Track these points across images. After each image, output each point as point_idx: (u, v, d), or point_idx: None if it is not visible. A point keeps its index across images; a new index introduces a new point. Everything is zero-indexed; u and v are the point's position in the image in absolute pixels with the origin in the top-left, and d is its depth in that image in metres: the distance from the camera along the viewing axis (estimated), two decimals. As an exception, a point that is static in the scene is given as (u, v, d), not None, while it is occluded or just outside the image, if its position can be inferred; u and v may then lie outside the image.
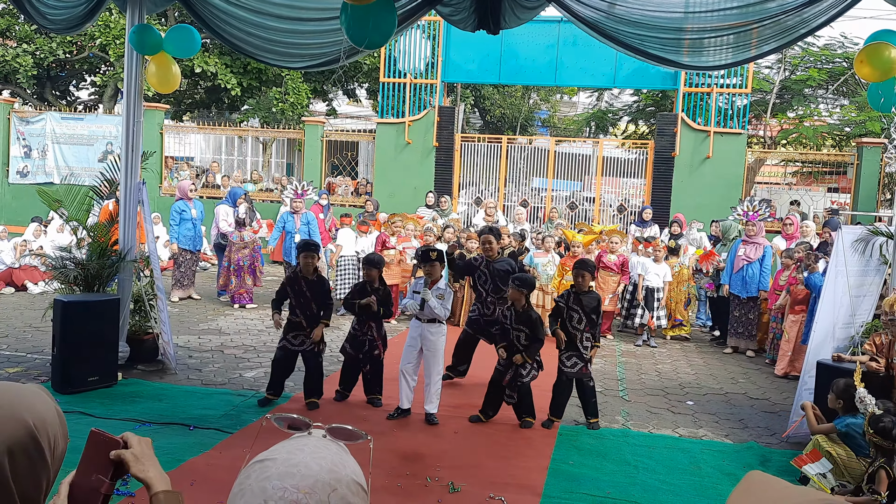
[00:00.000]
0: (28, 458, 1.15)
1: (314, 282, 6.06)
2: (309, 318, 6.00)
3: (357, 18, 4.74)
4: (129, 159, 6.95)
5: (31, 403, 1.17)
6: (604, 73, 14.66)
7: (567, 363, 5.90)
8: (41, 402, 1.19)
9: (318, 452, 1.07)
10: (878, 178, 13.87)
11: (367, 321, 6.13)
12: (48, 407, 1.20)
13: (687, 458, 5.38)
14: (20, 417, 1.14)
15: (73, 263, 6.73)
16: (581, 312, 5.85)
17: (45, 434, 1.17)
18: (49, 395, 1.23)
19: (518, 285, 5.82)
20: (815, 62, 17.04)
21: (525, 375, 5.83)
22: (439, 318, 5.80)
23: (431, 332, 5.80)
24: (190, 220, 10.44)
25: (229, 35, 6.80)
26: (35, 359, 7.09)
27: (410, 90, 15.04)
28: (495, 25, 6.11)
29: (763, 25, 5.66)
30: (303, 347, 6.02)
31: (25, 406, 1.16)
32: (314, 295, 6.01)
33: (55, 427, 1.20)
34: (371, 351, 6.12)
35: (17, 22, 16.88)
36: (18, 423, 1.13)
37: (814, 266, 7.67)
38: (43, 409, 1.18)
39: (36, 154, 16.20)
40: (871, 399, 4.63)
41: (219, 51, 17.39)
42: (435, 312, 5.74)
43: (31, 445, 1.15)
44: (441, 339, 5.85)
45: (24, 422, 1.14)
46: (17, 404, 1.16)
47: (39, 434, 1.16)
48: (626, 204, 14.86)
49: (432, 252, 5.89)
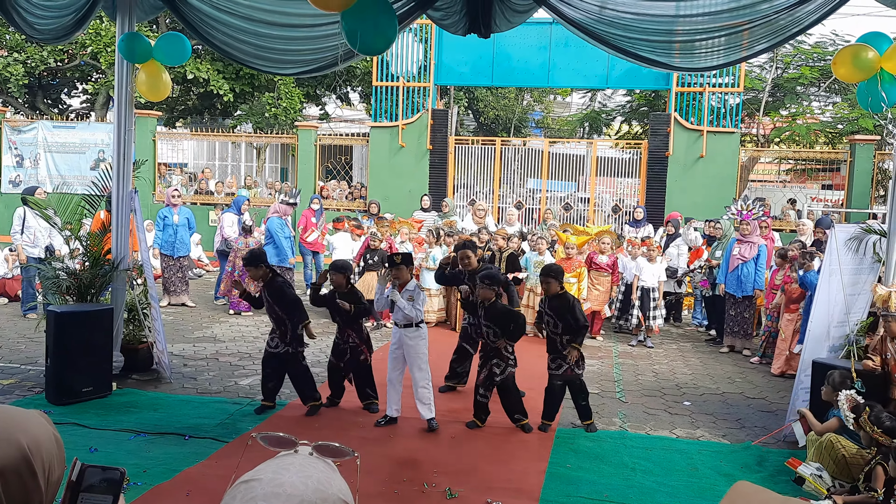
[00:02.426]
0: (21, 481, 1.13)
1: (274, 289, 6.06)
2: (277, 322, 6.06)
3: (360, 23, 4.70)
4: (120, 167, 6.93)
5: (26, 427, 1.16)
6: (596, 73, 14.68)
7: (552, 365, 5.90)
8: (38, 427, 1.18)
9: (305, 471, 1.05)
10: (871, 175, 13.91)
11: (345, 329, 6.12)
12: (45, 432, 1.19)
13: (684, 459, 5.38)
14: (14, 440, 1.13)
15: (65, 273, 6.70)
16: (554, 317, 5.81)
17: (40, 458, 1.16)
18: (48, 422, 1.22)
19: (488, 284, 5.83)
20: (806, 60, 17.09)
21: (500, 374, 5.79)
22: (414, 321, 5.77)
23: (409, 336, 5.77)
24: (171, 225, 10.47)
25: (220, 42, 6.78)
26: (29, 370, 7.06)
27: (403, 93, 15.03)
28: (486, 29, 6.10)
29: (754, 26, 5.67)
30: (278, 350, 6.04)
31: (21, 429, 1.15)
32: (275, 301, 6.04)
33: (51, 452, 1.18)
34: (355, 357, 6.10)
35: (8, 31, 16.82)
36: (12, 446, 1.12)
37: (809, 264, 7.68)
38: (39, 433, 1.17)
39: (28, 163, 16.14)
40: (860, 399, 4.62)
41: (211, 57, 17.35)
42: (406, 314, 5.71)
43: (24, 468, 1.13)
44: (421, 342, 5.80)
45: (19, 444, 1.13)
46: (13, 427, 1.15)
47: (34, 458, 1.14)
48: (620, 204, 14.87)
49: (397, 256, 5.90)
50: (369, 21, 4.71)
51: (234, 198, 12.30)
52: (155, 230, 10.49)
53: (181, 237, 10.59)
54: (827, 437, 4.91)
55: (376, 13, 4.64)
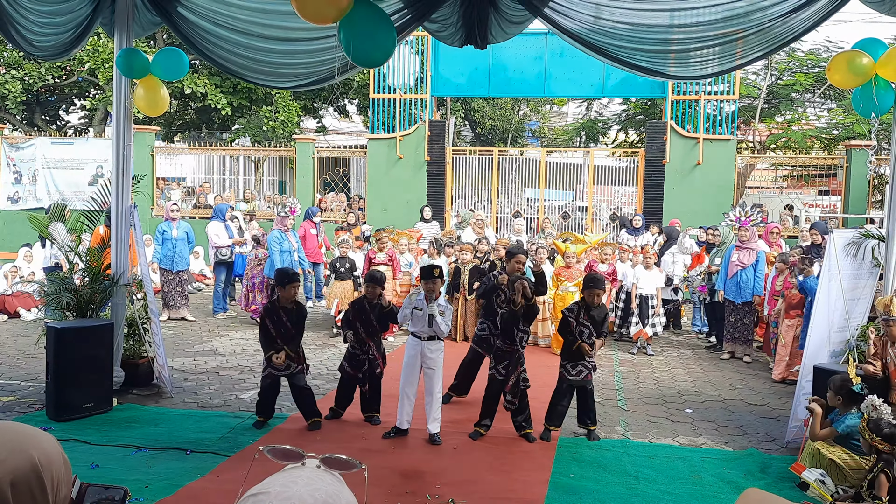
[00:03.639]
0: (30, 493, 1.16)
1: (292, 310, 5.99)
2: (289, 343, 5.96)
3: (358, 35, 4.71)
4: (119, 182, 6.93)
5: (38, 442, 1.20)
6: (592, 83, 14.75)
7: (572, 371, 5.90)
8: (50, 444, 1.22)
9: (313, 484, 1.05)
10: (867, 181, 13.95)
11: (365, 339, 6.10)
12: (56, 450, 1.22)
13: (687, 466, 5.37)
14: (27, 452, 1.16)
15: (65, 289, 6.69)
16: (591, 328, 5.89)
17: (50, 473, 1.18)
18: (58, 443, 1.24)
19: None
20: (801, 67, 17.17)
21: (527, 380, 5.88)
22: (439, 335, 5.78)
23: (431, 349, 5.78)
24: (171, 240, 10.51)
25: (218, 57, 6.81)
26: (29, 387, 7.04)
27: (400, 105, 15.08)
28: (482, 40, 6.13)
29: (749, 34, 5.71)
30: (287, 372, 5.96)
31: (33, 443, 1.19)
32: (293, 324, 5.96)
33: (60, 470, 1.21)
34: (372, 369, 6.09)
35: (6, 48, 16.87)
36: (25, 457, 1.15)
37: (808, 270, 7.69)
38: (51, 449, 1.21)
39: (26, 180, 16.16)
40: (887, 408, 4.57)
41: (208, 71, 17.41)
42: (441, 328, 5.72)
43: (34, 481, 1.16)
44: (440, 355, 5.83)
45: (31, 457, 1.16)
46: (26, 441, 1.18)
47: (44, 471, 1.17)
48: (618, 212, 14.89)
49: (435, 269, 5.88)
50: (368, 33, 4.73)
51: (216, 206, 12.31)
52: (154, 244, 10.50)
53: (180, 251, 10.60)
54: (813, 445, 4.93)
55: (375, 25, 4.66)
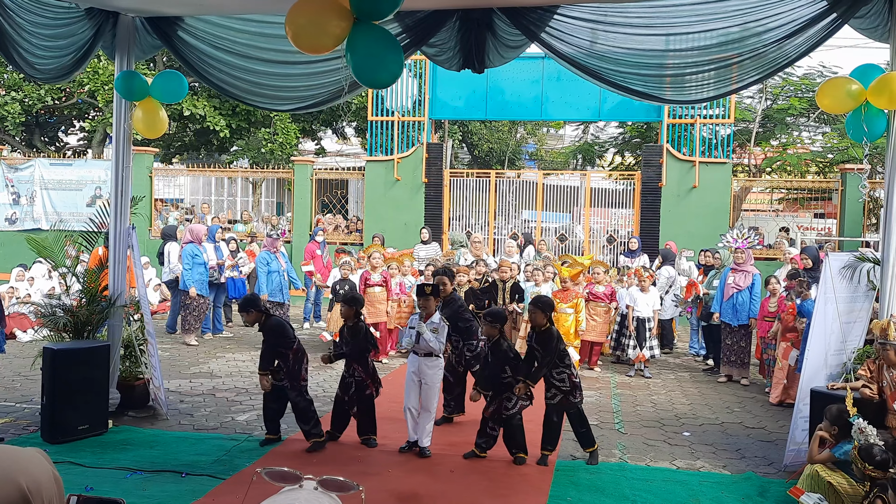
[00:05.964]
0: None
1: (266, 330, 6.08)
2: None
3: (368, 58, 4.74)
4: (118, 204, 6.96)
5: (26, 467, 1.18)
6: (588, 106, 14.89)
7: (547, 395, 5.90)
8: (37, 466, 1.20)
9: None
10: (862, 204, 14.03)
11: (351, 363, 6.11)
12: (44, 471, 1.20)
13: (685, 490, 5.34)
14: (14, 480, 1.15)
15: (62, 310, 6.68)
16: (541, 350, 5.75)
17: (40, 498, 1.17)
18: (48, 460, 1.23)
19: (490, 321, 5.85)
20: (795, 91, 17.34)
21: (511, 408, 5.76)
22: (435, 352, 5.84)
23: (428, 365, 5.87)
24: (203, 264, 10.35)
25: (217, 80, 6.86)
26: (24, 408, 6.99)
27: (398, 128, 15.19)
28: (480, 64, 6.19)
29: (744, 59, 5.79)
30: (282, 383, 6.05)
31: (20, 469, 1.17)
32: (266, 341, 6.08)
33: (51, 492, 1.20)
34: (359, 392, 6.07)
35: (6, 70, 16.99)
36: (13, 486, 1.14)
37: (806, 293, 7.70)
38: (38, 473, 1.19)
39: (24, 200, 16.20)
40: (872, 430, 4.59)
41: (207, 93, 17.53)
42: (430, 346, 5.78)
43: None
44: (438, 372, 5.95)
45: (19, 485, 1.14)
46: (12, 467, 1.16)
47: (33, 498, 1.16)
48: (615, 235, 14.95)
49: (427, 287, 6.00)
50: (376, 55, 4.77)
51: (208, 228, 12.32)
52: (184, 268, 10.31)
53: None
54: (813, 467, 4.92)
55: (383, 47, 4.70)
